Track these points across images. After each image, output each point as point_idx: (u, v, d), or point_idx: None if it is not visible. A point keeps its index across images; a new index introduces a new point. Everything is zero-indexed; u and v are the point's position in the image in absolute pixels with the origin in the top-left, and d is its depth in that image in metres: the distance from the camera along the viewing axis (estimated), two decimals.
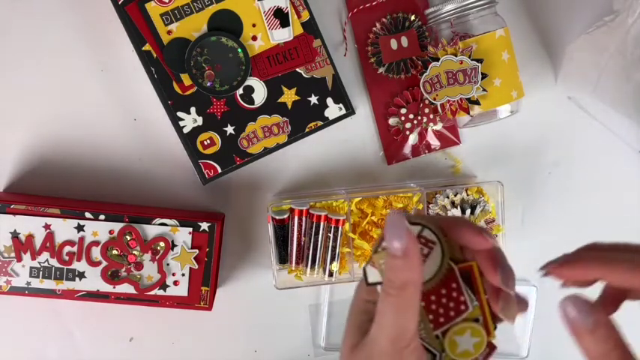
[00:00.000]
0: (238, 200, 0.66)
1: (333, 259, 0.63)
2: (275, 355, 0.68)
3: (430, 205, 0.65)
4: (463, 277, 0.36)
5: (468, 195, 0.65)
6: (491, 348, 0.37)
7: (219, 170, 0.63)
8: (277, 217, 0.63)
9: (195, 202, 0.65)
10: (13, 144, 0.64)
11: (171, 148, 0.64)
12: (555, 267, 0.38)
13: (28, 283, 0.60)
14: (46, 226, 0.60)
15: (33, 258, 0.60)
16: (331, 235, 0.63)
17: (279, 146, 0.63)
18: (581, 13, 0.64)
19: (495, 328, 0.37)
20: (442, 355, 0.36)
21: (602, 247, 0.37)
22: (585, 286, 0.38)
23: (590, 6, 0.62)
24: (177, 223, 0.61)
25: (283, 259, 0.64)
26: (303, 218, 0.63)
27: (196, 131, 0.61)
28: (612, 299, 0.38)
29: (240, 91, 0.61)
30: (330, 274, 0.64)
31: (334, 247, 0.63)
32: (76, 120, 0.64)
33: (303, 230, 0.63)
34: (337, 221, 0.63)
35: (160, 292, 0.61)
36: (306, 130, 0.63)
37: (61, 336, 0.66)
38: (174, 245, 0.61)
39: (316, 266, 0.63)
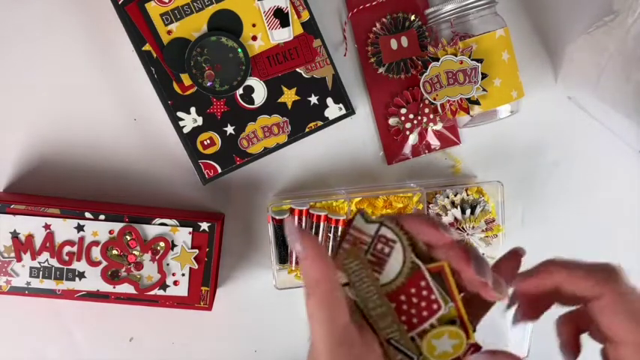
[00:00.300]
0: (238, 200, 0.66)
1: None
2: (275, 355, 0.68)
3: (430, 205, 0.65)
4: (436, 278, 0.35)
5: (468, 195, 0.65)
6: (475, 347, 0.36)
7: (219, 170, 0.63)
8: (277, 217, 0.62)
9: (195, 202, 0.65)
10: (13, 144, 0.64)
11: (171, 148, 0.64)
12: (521, 280, 0.37)
13: (28, 283, 0.60)
14: (46, 226, 0.60)
15: (33, 258, 0.60)
16: (331, 235, 0.63)
17: (279, 146, 0.63)
18: (581, 13, 0.64)
19: (475, 330, 0.36)
20: (419, 358, 0.35)
21: (560, 260, 0.38)
22: (539, 309, 0.38)
23: (590, 6, 0.62)
24: (177, 223, 0.61)
25: (283, 259, 0.64)
26: (303, 218, 0.63)
27: (196, 131, 0.61)
28: (573, 342, 0.39)
29: (240, 91, 0.61)
30: None
31: (334, 247, 0.63)
32: (76, 120, 0.64)
33: None
34: (337, 221, 0.63)
35: (160, 292, 0.61)
36: (306, 130, 0.63)
37: (61, 336, 0.66)
38: (174, 245, 0.61)
39: None
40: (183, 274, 0.61)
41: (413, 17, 0.64)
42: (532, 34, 0.66)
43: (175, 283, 0.61)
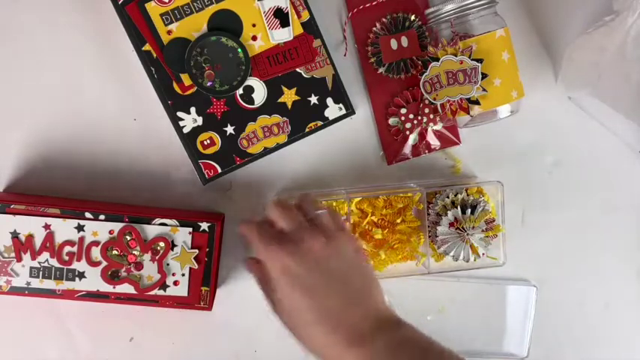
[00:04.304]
0: (238, 200, 0.66)
1: None
2: (275, 355, 0.68)
3: (430, 205, 0.65)
4: None
5: (468, 195, 0.65)
6: None
7: (219, 170, 0.63)
8: None
9: (195, 202, 0.65)
10: (13, 144, 0.64)
11: (171, 148, 0.64)
12: None
13: (28, 283, 0.60)
14: (46, 226, 0.60)
15: (33, 258, 0.60)
16: None
17: (279, 146, 0.63)
18: (581, 13, 0.64)
19: None
20: None
21: None
22: None
23: (590, 6, 0.62)
24: (178, 223, 0.61)
25: None
26: None
27: (196, 131, 0.61)
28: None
29: (240, 91, 0.61)
30: None
31: None
32: (76, 120, 0.64)
33: None
34: None
35: (160, 292, 0.61)
36: (306, 130, 0.63)
37: (61, 336, 0.66)
38: (174, 245, 0.61)
39: None
40: (183, 274, 0.61)
41: (413, 17, 0.64)
42: (532, 34, 0.66)
43: (175, 283, 0.61)
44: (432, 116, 0.64)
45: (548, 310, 0.69)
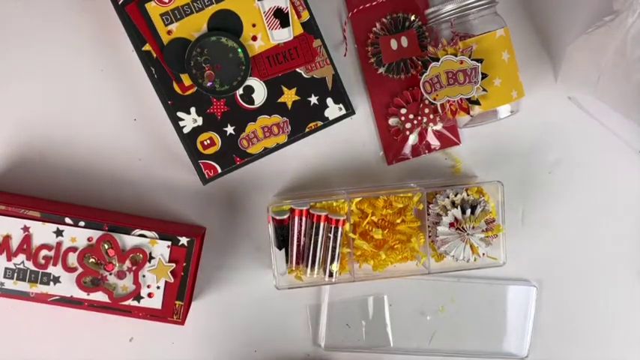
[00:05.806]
0: (238, 200, 0.66)
1: (333, 260, 0.63)
2: (275, 356, 0.68)
3: (430, 205, 0.65)
4: None
5: (468, 195, 0.65)
6: None
7: (219, 170, 0.63)
8: (277, 217, 0.62)
9: (194, 201, 0.65)
10: (9, 142, 0.64)
11: (171, 148, 0.64)
12: None
13: (2, 284, 0.59)
14: (25, 228, 0.59)
15: (9, 259, 0.59)
16: (331, 236, 0.63)
17: (279, 146, 0.63)
18: (581, 13, 0.64)
19: None
20: None
21: None
22: None
23: (590, 6, 0.63)
24: (157, 236, 0.60)
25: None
26: (303, 218, 0.63)
27: (196, 131, 0.61)
28: None
29: (240, 91, 0.61)
30: (330, 275, 0.64)
31: (334, 248, 0.63)
32: (76, 120, 0.64)
33: (303, 230, 0.63)
34: (337, 221, 0.63)
35: (134, 303, 0.61)
36: (306, 130, 0.63)
37: (61, 335, 0.66)
38: (151, 257, 0.60)
39: (316, 266, 0.63)
40: (158, 287, 0.61)
41: (413, 17, 0.64)
42: (532, 34, 0.66)
43: (150, 295, 0.61)
44: (432, 116, 0.64)
45: (548, 310, 0.69)
